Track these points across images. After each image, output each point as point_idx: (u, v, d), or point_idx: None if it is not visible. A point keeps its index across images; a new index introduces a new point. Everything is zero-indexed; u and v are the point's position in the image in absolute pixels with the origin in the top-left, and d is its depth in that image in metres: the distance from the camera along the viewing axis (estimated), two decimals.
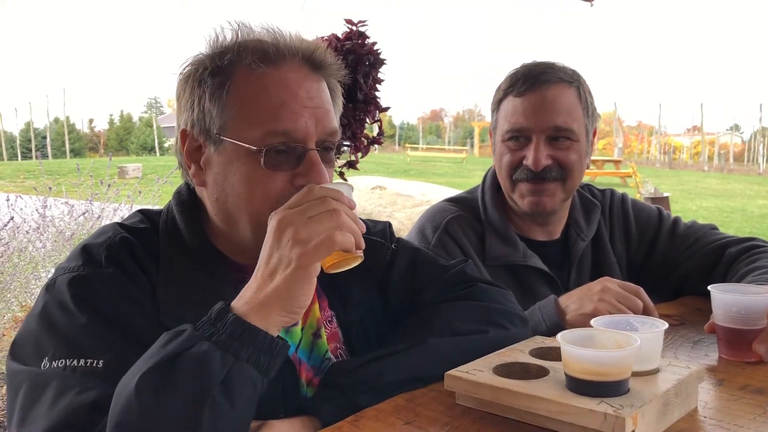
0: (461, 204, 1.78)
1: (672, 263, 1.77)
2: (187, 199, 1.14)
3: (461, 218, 1.71)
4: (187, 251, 1.08)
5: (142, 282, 1.03)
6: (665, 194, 12.30)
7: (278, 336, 0.92)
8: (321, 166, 1.06)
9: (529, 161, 1.62)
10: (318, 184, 1.05)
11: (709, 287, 1.29)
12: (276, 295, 0.91)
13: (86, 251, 1.04)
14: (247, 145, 1.04)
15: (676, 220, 1.84)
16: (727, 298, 1.27)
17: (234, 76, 1.06)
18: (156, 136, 43.28)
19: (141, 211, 1.16)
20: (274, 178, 1.04)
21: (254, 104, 1.05)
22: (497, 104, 1.71)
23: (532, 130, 1.62)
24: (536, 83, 1.62)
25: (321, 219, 0.91)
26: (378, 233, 1.32)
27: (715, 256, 1.71)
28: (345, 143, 1.14)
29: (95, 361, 0.94)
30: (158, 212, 1.15)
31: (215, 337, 0.86)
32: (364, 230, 0.97)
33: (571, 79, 1.65)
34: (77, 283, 1.00)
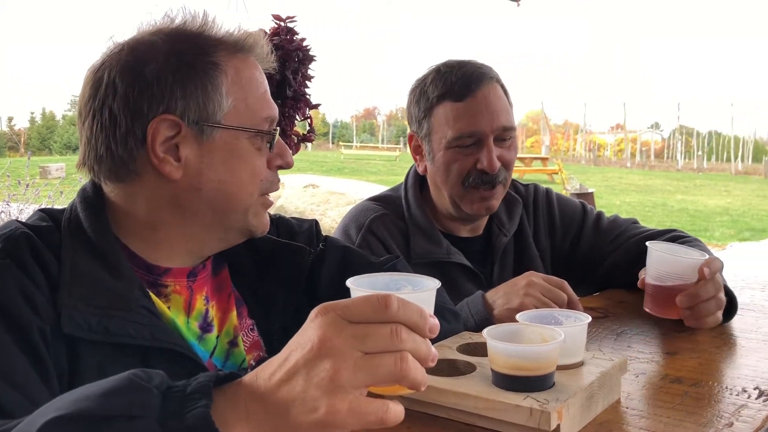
0: (385, 202, 1.77)
1: (596, 257, 1.81)
2: (92, 197, 1.07)
3: (385, 217, 1.70)
4: (92, 250, 1.01)
5: (40, 281, 0.94)
6: (590, 190, 12.70)
7: None
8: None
9: (484, 164, 1.61)
10: (289, 163, 1.13)
11: (647, 243, 1.41)
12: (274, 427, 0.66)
13: None
14: (257, 130, 1.06)
15: (600, 215, 1.89)
16: (660, 256, 1.37)
17: (229, 62, 1.05)
18: None
19: (42, 210, 1.08)
20: (262, 161, 1.09)
21: (250, 90, 1.07)
22: (428, 111, 1.67)
23: (484, 133, 1.62)
24: (473, 85, 1.62)
25: (379, 364, 0.65)
26: (304, 233, 1.29)
27: (639, 249, 1.76)
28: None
29: None
30: (60, 211, 1.07)
31: (169, 423, 0.62)
32: (433, 362, 0.70)
33: (495, 76, 1.67)
34: None
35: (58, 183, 7.37)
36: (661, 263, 1.38)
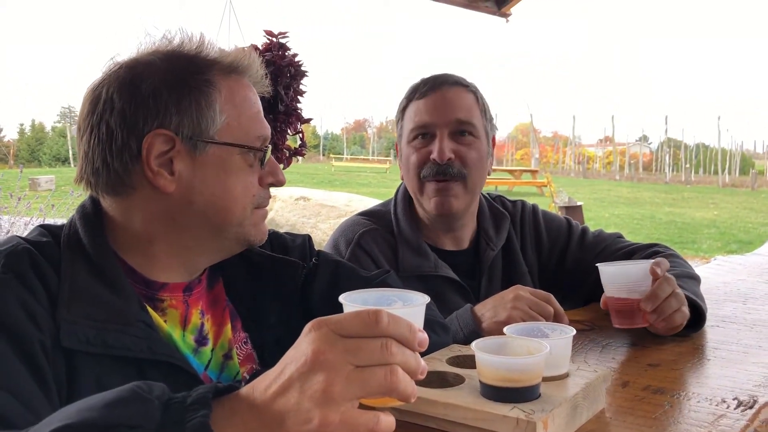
0: (374, 217, 1.82)
1: (582, 271, 1.85)
2: (91, 213, 1.10)
3: (374, 231, 1.75)
4: (91, 266, 1.03)
5: (41, 295, 0.97)
6: (579, 203, 12.78)
7: None
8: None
9: (434, 154, 1.68)
10: (281, 180, 1.16)
11: (597, 265, 1.48)
12: None
13: None
14: (249, 146, 1.10)
15: (585, 230, 1.93)
16: (612, 271, 1.45)
17: (223, 81, 1.09)
18: (70, 147, 41.62)
19: (42, 226, 1.10)
20: (254, 177, 1.12)
21: (243, 109, 1.11)
22: (401, 113, 1.80)
23: (436, 125, 1.70)
24: (437, 85, 1.73)
25: (370, 377, 0.67)
26: (297, 247, 1.32)
27: None
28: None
29: None
30: (60, 227, 1.10)
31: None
32: (423, 374, 0.73)
33: (468, 84, 1.77)
34: None
35: (49, 196, 7.35)
36: (615, 278, 1.45)
